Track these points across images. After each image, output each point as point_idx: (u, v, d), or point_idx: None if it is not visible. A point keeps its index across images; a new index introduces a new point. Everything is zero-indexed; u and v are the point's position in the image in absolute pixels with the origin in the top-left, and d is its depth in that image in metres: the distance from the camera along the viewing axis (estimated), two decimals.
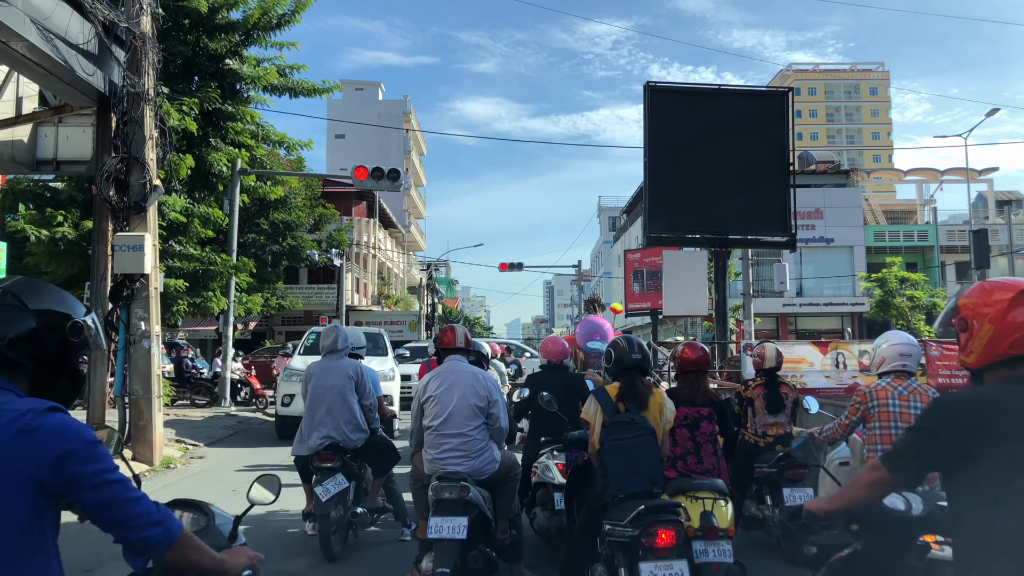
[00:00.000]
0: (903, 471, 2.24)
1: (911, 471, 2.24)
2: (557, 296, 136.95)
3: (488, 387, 4.73)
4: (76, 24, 9.04)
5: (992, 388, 2.18)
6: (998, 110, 33.04)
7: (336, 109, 56.38)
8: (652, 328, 30.53)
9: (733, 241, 12.96)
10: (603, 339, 7.44)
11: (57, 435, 1.68)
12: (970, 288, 2.29)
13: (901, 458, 2.25)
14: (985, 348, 2.17)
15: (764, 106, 12.85)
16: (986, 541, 2.04)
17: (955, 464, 2.11)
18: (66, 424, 1.71)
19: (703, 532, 3.97)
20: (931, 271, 36.77)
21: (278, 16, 14.88)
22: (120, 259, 9.68)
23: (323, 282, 33.66)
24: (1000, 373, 2.15)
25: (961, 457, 2.08)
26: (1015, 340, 2.11)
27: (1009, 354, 2.12)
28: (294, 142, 17.12)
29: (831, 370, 10.29)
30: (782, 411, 6.23)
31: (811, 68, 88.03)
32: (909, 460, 2.23)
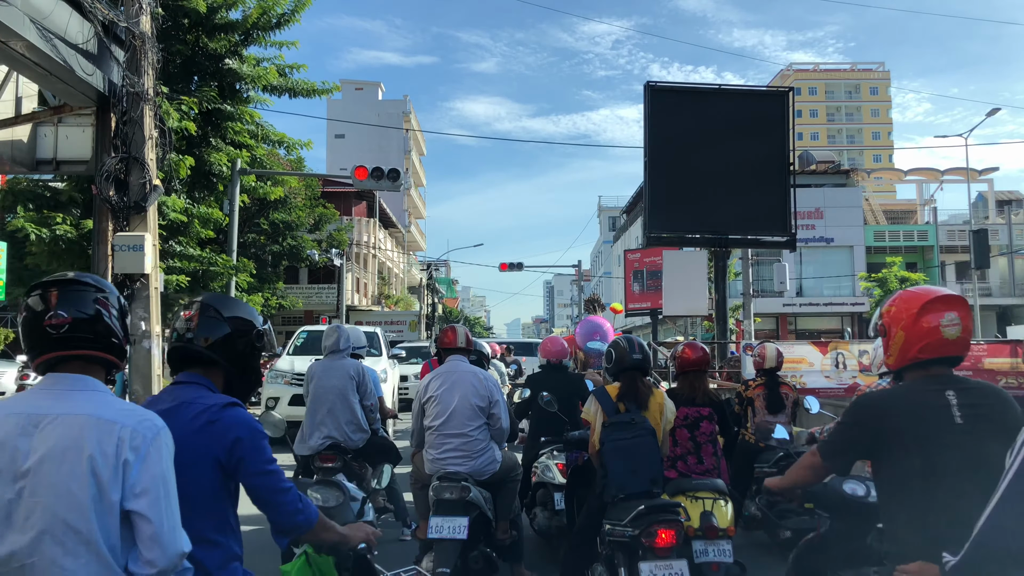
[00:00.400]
0: (832, 457, 2.57)
1: (839, 458, 2.57)
2: (557, 296, 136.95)
3: (489, 387, 4.73)
4: (75, 24, 9.04)
5: (902, 386, 2.49)
6: (999, 110, 33.02)
7: (336, 109, 56.38)
8: (652, 328, 30.54)
9: (733, 241, 12.96)
10: (603, 339, 7.44)
11: (232, 426, 2.16)
12: (892, 296, 2.56)
13: (830, 447, 2.59)
14: (899, 352, 2.45)
15: (764, 106, 12.85)
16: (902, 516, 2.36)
17: (873, 451, 2.44)
18: (240, 417, 2.19)
19: (703, 532, 3.98)
20: (931, 271, 36.77)
21: (278, 16, 14.85)
22: (120, 259, 9.68)
23: (323, 282, 33.66)
24: (915, 374, 2.44)
25: (877, 445, 2.41)
26: (923, 346, 2.38)
27: (919, 358, 2.40)
28: (294, 142, 17.10)
29: (831, 370, 10.30)
30: (782, 411, 6.23)
31: (811, 68, 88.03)
32: (836, 448, 2.57)
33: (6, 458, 1.79)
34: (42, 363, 1.93)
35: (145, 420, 1.88)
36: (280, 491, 2.22)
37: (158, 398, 2.30)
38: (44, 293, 1.92)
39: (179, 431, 2.02)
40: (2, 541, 1.76)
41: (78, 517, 1.76)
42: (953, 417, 2.31)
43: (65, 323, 1.88)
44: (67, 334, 1.89)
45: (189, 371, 2.30)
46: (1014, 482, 1.96)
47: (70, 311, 1.89)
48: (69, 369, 1.92)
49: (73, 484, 1.77)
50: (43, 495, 1.77)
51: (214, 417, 2.15)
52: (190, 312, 2.32)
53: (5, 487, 1.78)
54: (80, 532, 1.76)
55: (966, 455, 2.24)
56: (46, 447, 1.79)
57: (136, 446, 1.82)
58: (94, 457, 1.78)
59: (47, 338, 1.89)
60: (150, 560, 1.80)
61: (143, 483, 1.81)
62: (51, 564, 1.75)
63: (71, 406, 1.84)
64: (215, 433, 2.14)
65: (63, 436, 1.80)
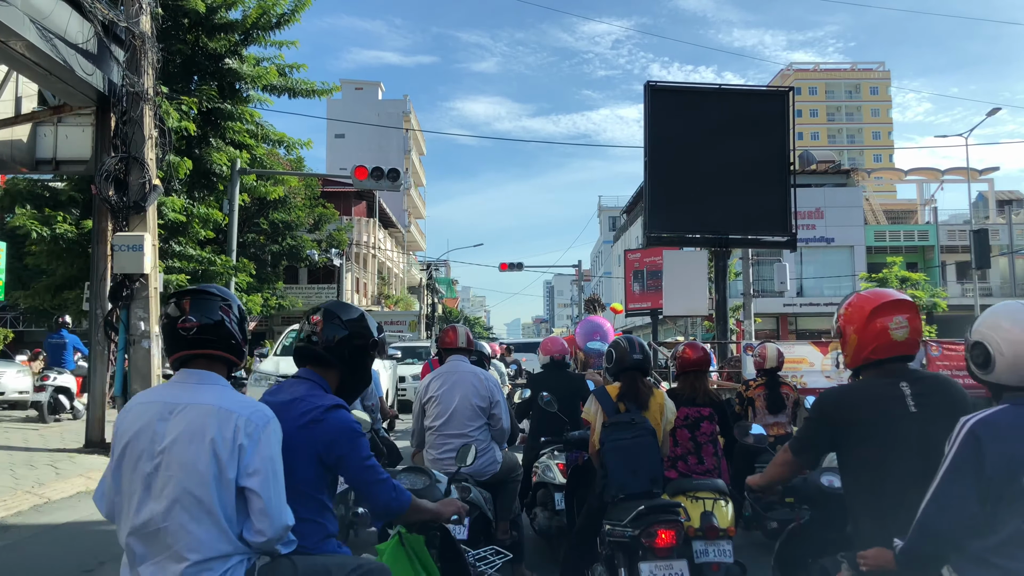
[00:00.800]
0: (801, 453, 2.74)
1: (808, 453, 2.74)
2: (557, 296, 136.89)
3: (490, 388, 4.72)
4: (75, 24, 9.03)
5: (860, 380, 2.65)
6: (999, 110, 33.03)
7: (336, 109, 56.35)
8: (652, 328, 30.52)
9: (733, 241, 12.95)
10: (603, 339, 7.44)
11: (333, 427, 2.46)
12: (847, 299, 2.70)
13: (798, 443, 2.76)
14: (854, 353, 2.60)
15: (764, 106, 12.84)
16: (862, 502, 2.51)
17: (836, 442, 2.59)
18: (341, 420, 2.48)
19: (703, 532, 3.97)
20: (932, 271, 36.75)
21: (277, 15, 14.86)
22: (120, 259, 9.67)
23: (323, 282, 33.66)
24: (871, 372, 2.60)
25: (839, 436, 2.56)
26: (875, 347, 2.53)
27: (871, 359, 2.55)
28: (294, 141, 17.09)
29: (831, 370, 10.29)
30: (783, 411, 6.22)
31: (812, 68, 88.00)
32: (804, 444, 2.73)
33: (147, 439, 2.16)
34: (176, 359, 2.30)
35: (258, 411, 2.22)
36: (377, 483, 2.53)
37: (280, 388, 2.64)
38: (179, 302, 2.29)
39: (288, 425, 2.36)
40: (143, 508, 2.13)
41: (202, 490, 2.10)
42: (908, 406, 2.46)
43: (194, 327, 2.25)
44: (196, 336, 2.25)
45: (308, 368, 2.65)
46: (950, 468, 2.11)
47: (199, 317, 2.26)
48: (197, 366, 2.29)
49: (199, 462, 2.11)
50: (175, 470, 2.11)
51: (319, 417, 2.46)
52: (316, 318, 2.65)
53: (146, 462, 2.15)
54: (204, 503, 2.10)
55: (920, 442, 2.37)
56: (178, 430, 2.14)
57: (250, 432, 2.16)
58: (215, 440, 2.12)
59: (181, 339, 2.26)
60: (260, 530, 2.14)
61: (255, 464, 2.14)
62: (180, 528, 2.09)
63: (198, 397, 2.20)
64: (318, 432, 2.45)
65: (191, 422, 2.15)
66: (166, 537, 2.10)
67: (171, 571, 2.09)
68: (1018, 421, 2.10)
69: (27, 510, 7.02)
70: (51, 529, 6.48)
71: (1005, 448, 2.06)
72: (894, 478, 2.41)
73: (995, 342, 2.18)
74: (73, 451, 9.79)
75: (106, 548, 5.90)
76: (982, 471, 2.06)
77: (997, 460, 2.05)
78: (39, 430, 11.84)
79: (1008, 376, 2.18)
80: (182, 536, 2.08)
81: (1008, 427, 2.09)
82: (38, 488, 7.68)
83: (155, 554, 2.12)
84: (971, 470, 2.08)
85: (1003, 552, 2.03)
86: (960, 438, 2.12)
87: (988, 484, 2.06)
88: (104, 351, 10.21)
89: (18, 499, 7.23)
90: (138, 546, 2.15)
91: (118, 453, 2.21)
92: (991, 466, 2.05)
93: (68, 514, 6.99)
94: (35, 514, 6.95)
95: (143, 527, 2.13)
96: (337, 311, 2.68)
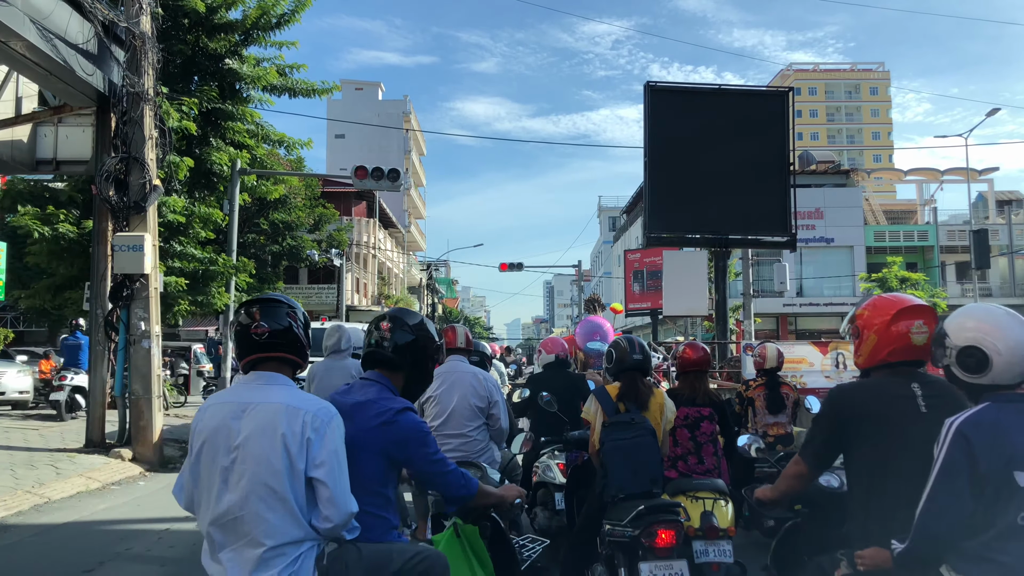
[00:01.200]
0: (814, 458, 2.72)
1: (821, 457, 2.72)
2: (557, 296, 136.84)
3: (489, 387, 4.72)
4: (76, 24, 9.03)
5: (872, 379, 2.69)
6: (999, 110, 33.04)
7: (336, 109, 56.34)
8: (652, 328, 30.53)
9: (733, 241, 12.95)
10: (603, 339, 7.43)
11: (404, 430, 2.68)
12: (867, 300, 2.73)
13: (810, 449, 2.72)
14: (870, 354, 2.64)
15: (764, 106, 12.84)
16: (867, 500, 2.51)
17: (846, 439, 2.60)
18: (412, 421, 2.72)
19: (704, 532, 3.97)
20: (931, 271, 36.74)
21: (278, 16, 14.84)
22: (120, 259, 9.66)
23: (323, 282, 33.67)
24: (882, 373, 2.64)
25: (849, 433, 2.57)
26: (893, 350, 2.58)
27: (888, 360, 2.60)
28: (294, 142, 17.06)
29: (831, 370, 10.28)
30: (783, 411, 6.22)
31: (811, 68, 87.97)
32: (817, 448, 2.71)
33: (223, 436, 2.36)
34: (248, 362, 2.51)
35: (323, 408, 2.43)
36: (447, 473, 2.78)
37: (350, 389, 2.85)
38: (249, 309, 2.50)
39: (361, 425, 2.63)
40: (222, 498, 2.33)
41: (276, 480, 2.30)
42: (919, 407, 2.51)
43: (266, 332, 2.46)
44: (267, 340, 2.47)
45: (376, 371, 2.86)
46: (942, 470, 2.15)
47: (270, 323, 2.47)
48: (267, 368, 2.50)
49: (271, 455, 2.31)
50: (250, 463, 2.31)
51: (391, 419, 2.68)
52: (386, 324, 2.87)
53: (223, 457, 2.35)
54: (277, 492, 2.30)
55: (927, 443, 2.36)
56: (251, 427, 2.35)
57: (316, 427, 2.36)
58: (285, 435, 2.33)
59: (253, 343, 2.47)
60: (328, 516, 2.34)
61: (322, 456, 2.35)
62: (257, 516, 2.29)
63: (268, 396, 2.41)
64: (389, 433, 2.67)
65: (263, 419, 2.35)
66: (244, 525, 2.29)
67: (249, 556, 2.28)
68: (1002, 418, 2.14)
69: (27, 510, 7.02)
70: (51, 529, 6.48)
71: (995, 445, 2.10)
72: (901, 477, 2.43)
73: (991, 344, 2.22)
74: (73, 451, 9.80)
75: (106, 548, 5.90)
76: (975, 469, 2.10)
77: (989, 457, 2.09)
78: (39, 430, 11.85)
79: (1004, 376, 2.21)
80: (258, 523, 2.28)
81: (996, 424, 2.13)
82: (38, 488, 7.68)
83: (234, 541, 2.31)
84: (964, 470, 2.11)
85: (997, 547, 2.07)
86: (949, 439, 2.15)
87: (982, 482, 2.09)
88: (104, 351, 10.22)
89: (18, 499, 7.23)
90: (218, 534, 2.33)
91: (196, 449, 2.41)
92: (984, 463, 2.09)
93: (68, 514, 6.99)
94: (35, 514, 6.95)
95: (222, 516, 2.32)
96: (404, 317, 2.92)
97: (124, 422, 9.98)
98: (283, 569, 2.28)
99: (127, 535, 6.39)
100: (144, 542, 6.16)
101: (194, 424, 2.47)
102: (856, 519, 2.59)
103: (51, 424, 12.49)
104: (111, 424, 10.36)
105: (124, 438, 9.93)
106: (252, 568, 2.27)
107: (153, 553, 5.86)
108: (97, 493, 8.01)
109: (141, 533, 6.46)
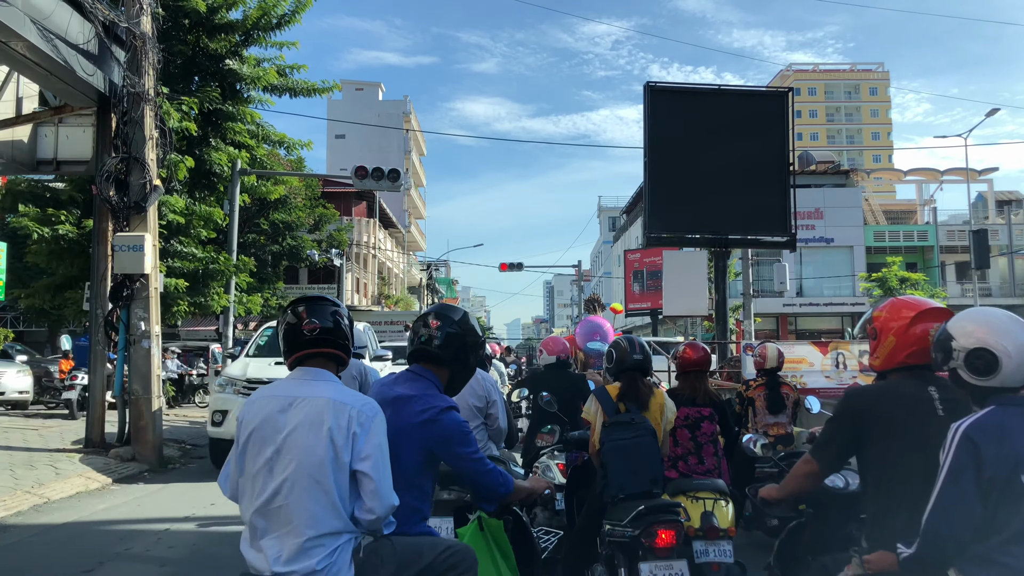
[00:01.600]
0: (827, 458, 2.70)
1: (833, 457, 2.70)
2: (557, 296, 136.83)
3: (487, 387, 4.71)
4: (76, 24, 9.03)
5: (887, 381, 2.68)
6: (998, 110, 33.09)
7: (336, 109, 56.34)
8: (652, 328, 30.54)
9: (733, 241, 12.95)
10: (603, 339, 7.43)
11: (447, 428, 2.80)
12: (885, 302, 2.73)
13: (823, 448, 2.71)
14: (888, 356, 2.64)
15: (764, 106, 12.85)
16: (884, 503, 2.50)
17: (862, 441, 2.58)
18: (454, 421, 2.83)
19: (704, 532, 3.96)
20: (931, 271, 36.76)
21: (278, 16, 14.84)
22: (120, 259, 9.66)
23: (323, 282, 33.67)
24: (899, 375, 2.63)
25: (866, 434, 2.56)
26: (911, 352, 2.58)
27: (906, 363, 2.60)
28: (294, 142, 17.06)
29: (831, 370, 10.29)
30: (783, 411, 6.22)
31: (811, 68, 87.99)
32: (830, 448, 2.69)
33: (270, 427, 2.46)
34: (294, 360, 2.61)
35: (368, 404, 2.54)
36: (486, 473, 2.89)
37: (396, 380, 2.99)
38: (296, 309, 2.62)
39: (405, 420, 2.76)
40: (266, 488, 2.41)
41: (320, 472, 2.39)
42: (936, 410, 2.50)
43: (317, 328, 2.58)
44: (317, 336, 2.58)
45: (421, 365, 2.98)
46: (949, 474, 2.14)
47: (320, 320, 2.59)
48: (313, 364, 2.60)
49: (317, 447, 2.40)
50: (296, 454, 2.40)
51: (435, 417, 2.80)
52: (434, 321, 2.98)
53: (269, 447, 2.43)
54: (320, 482, 2.38)
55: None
56: (297, 420, 2.44)
57: (362, 422, 2.46)
58: (332, 429, 2.42)
59: (303, 340, 2.58)
60: (371, 508, 2.44)
61: (367, 450, 2.44)
62: (300, 506, 2.37)
63: (315, 391, 2.51)
64: (433, 430, 2.79)
65: (310, 412, 2.45)
66: (287, 514, 2.37)
67: (290, 544, 2.36)
68: (1007, 421, 2.14)
69: (27, 510, 7.03)
70: (51, 529, 6.48)
71: (1002, 448, 2.09)
72: (919, 478, 2.40)
73: (1001, 346, 2.21)
74: (73, 451, 9.80)
75: (106, 548, 5.90)
76: (981, 473, 2.09)
77: (996, 461, 2.08)
78: (39, 430, 11.86)
79: (1012, 378, 2.21)
80: (301, 513, 2.36)
81: (1001, 428, 2.12)
82: (38, 488, 7.68)
83: (276, 529, 2.39)
84: (971, 473, 2.10)
85: (1007, 551, 2.06)
86: (955, 443, 2.15)
87: (989, 485, 2.09)
88: (104, 351, 10.22)
89: (18, 499, 7.23)
90: (260, 522, 2.41)
91: (243, 440, 2.51)
92: (990, 467, 2.08)
93: (68, 514, 6.99)
94: (35, 514, 6.95)
95: (266, 505, 2.40)
96: (449, 313, 3.04)
97: (124, 422, 9.98)
98: (322, 559, 2.36)
99: (127, 535, 6.39)
100: (144, 542, 6.16)
101: (241, 416, 2.57)
102: (873, 520, 2.58)
103: (51, 424, 12.51)
104: (111, 424, 10.36)
105: (124, 438, 9.94)
106: (292, 556, 2.35)
107: (153, 553, 5.86)
108: (96, 493, 8.01)
109: (141, 533, 6.46)
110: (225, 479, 2.60)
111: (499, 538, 3.19)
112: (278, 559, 2.35)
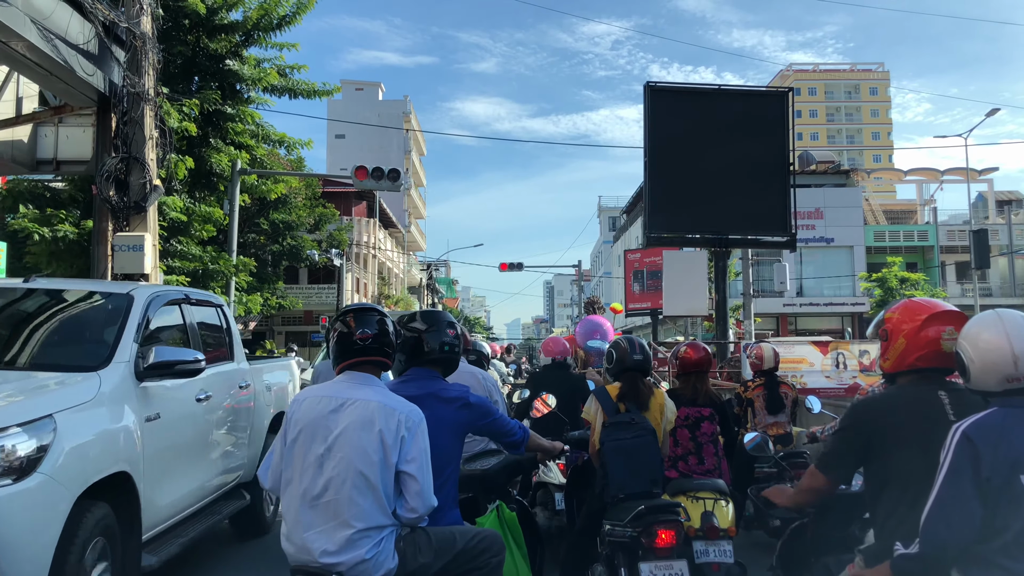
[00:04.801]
0: (835, 471, 2.67)
1: (842, 469, 2.67)
2: (557, 296, 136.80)
3: (487, 387, 4.72)
4: (76, 24, 9.03)
5: (897, 387, 2.64)
6: (998, 110, 33.11)
7: (336, 109, 56.32)
8: (652, 328, 30.54)
9: (733, 241, 12.96)
10: (603, 338, 7.43)
11: (479, 408, 3.25)
12: (897, 304, 2.69)
13: (831, 460, 2.67)
14: (898, 358, 2.59)
15: (764, 106, 12.85)
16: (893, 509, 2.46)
17: (871, 451, 2.55)
18: (481, 401, 3.31)
19: (704, 532, 3.97)
20: (931, 271, 36.77)
21: (279, 17, 14.84)
22: (120, 259, 9.66)
23: (323, 282, 33.67)
24: (909, 378, 2.59)
25: (875, 444, 2.53)
26: (922, 355, 2.53)
27: (916, 365, 2.56)
28: (294, 142, 17.06)
29: (831, 370, 10.30)
30: (782, 411, 6.22)
31: (811, 68, 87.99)
32: (839, 460, 2.66)
33: (322, 426, 2.66)
34: (344, 366, 2.82)
35: (413, 410, 2.76)
36: (508, 431, 3.35)
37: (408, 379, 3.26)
38: (345, 319, 2.84)
39: (440, 410, 3.07)
40: (316, 482, 2.61)
41: (370, 470, 2.61)
42: (947, 414, 2.45)
43: (370, 337, 2.79)
44: (368, 344, 2.79)
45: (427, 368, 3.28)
46: (948, 474, 2.14)
47: (370, 329, 2.80)
48: (361, 369, 2.82)
49: (369, 446, 2.62)
50: (347, 451, 2.61)
51: (469, 403, 3.21)
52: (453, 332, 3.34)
53: (320, 445, 2.64)
54: (369, 480, 2.60)
55: None
56: (347, 421, 2.66)
57: (410, 427, 2.69)
58: (383, 431, 2.64)
59: (354, 348, 2.80)
60: (413, 507, 2.67)
61: (413, 453, 2.67)
62: (348, 500, 2.58)
63: (364, 394, 2.73)
64: (472, 413, 3.20)
65: (361, 414, 2.67)
66: (336, 507, 2.57)
67: (339, 536, 2.56)
68: (1008, 422, 2.14)
69: None
70: None
71: (1000, 449, 2.09)
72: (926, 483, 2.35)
73: (966, 350, 2.25)
74: None
75: None
76: (979, 473, 2.09)
77: (993, 462, 2.08)
78: None
79: (981, 382, 2.23)
80: (351, 507, 2.57)
81: (1000, 429, 2.12)
82: None
83: (324, 521, 2.58)
84: (969, 473, 2.10)
85: (1009, 553, 2.06)
86: (955, 443, 2.15)
87: (987, 485, 2.08)
88: None
89: None
90: (307, 515, 2.60)
91: (292, 437, 2.70)
92: (988, 468, 2.08)
93: None
94: None
95: (316, 499, 2.60)
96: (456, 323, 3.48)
97: None
98: (370, 549, 2.56)
99: None
100: None
101: (290, 413, 2.78)
102: (881, 524, 2.54)
103: None
104: None
105: None
106: (341, 547, 2.54)
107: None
108: None
109: None
110: (266, 471, 2.80)
111: (514, 529, 3.44)
112: (327, 551, 2.54)
